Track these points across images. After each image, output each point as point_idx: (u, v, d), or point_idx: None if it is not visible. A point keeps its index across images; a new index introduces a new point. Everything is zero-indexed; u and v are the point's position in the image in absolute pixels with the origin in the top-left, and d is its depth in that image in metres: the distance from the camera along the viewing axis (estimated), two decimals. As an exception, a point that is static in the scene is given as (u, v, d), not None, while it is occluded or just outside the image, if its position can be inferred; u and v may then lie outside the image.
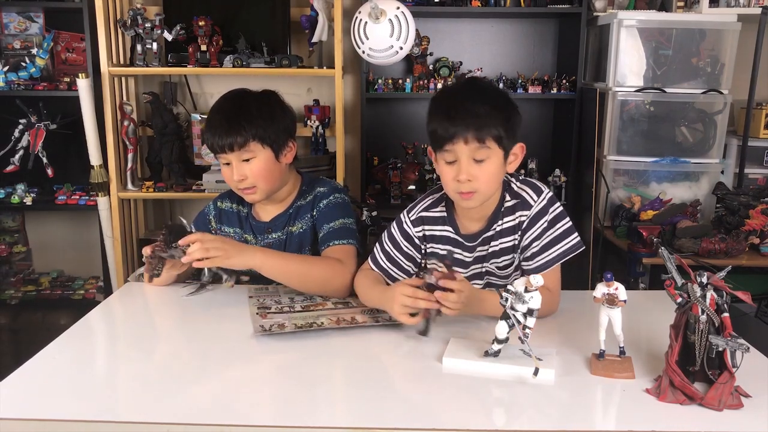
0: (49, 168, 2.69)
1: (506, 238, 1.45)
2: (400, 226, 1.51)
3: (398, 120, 3.08)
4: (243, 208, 1.70)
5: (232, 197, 1.71)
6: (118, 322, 1.46)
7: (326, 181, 1.71)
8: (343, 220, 1.60)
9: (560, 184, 2.83)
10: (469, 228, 1.47)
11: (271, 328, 1.30)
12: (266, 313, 1.39)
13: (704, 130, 2.70)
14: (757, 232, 2.33)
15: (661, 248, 1.13)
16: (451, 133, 1.31)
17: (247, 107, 1.58)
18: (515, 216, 1.44)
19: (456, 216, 1.48)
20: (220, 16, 2.66)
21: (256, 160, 1.55)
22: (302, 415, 1.01)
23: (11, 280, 2.91)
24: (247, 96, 1.62)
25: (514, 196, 1.44)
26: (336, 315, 1.39)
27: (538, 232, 1.42)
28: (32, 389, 1.09)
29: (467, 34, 3.02)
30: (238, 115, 1.55)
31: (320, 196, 1.64)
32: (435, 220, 1.49)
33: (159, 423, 0.98)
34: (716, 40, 2.66)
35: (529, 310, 1.11)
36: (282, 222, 1.65)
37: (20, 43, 2.78)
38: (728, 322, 1.02)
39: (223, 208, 1.71)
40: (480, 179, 1.33)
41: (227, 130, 1.53)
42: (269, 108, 1.60)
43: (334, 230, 1.58)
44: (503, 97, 1.39)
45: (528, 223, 1.42)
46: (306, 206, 1.65)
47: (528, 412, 1.04)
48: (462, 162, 1.33)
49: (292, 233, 1.64)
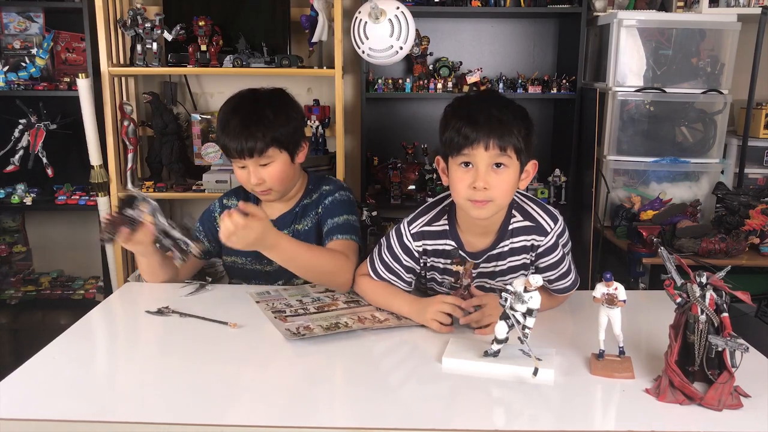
0: (49, 168, 2.69)
1: (516, 257, 1.44)
2: (400, 239, 1.47)
3: (398, 120, 3.08)
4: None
5: (238, 194, 1.72)
6: (118, 322, 1.46)
7: (332, 180, 1.72)
8: (347, 217, 1.61)
9: (560, 184, 2.83)
10: (473, 243, 1.44)
11: (299, 331, 1.29)
12: (284, 317, 1.38)
13: (704, 130, 2.70)
14: (757, 232, 2.34)
15: (661, 248, 1.13)
16: (473, 138, 1.28)
17: (263, 111, 1.56)
18: (528, 237, 1.41)
19: (459, 230, 1.44)
20: (220, 16, 2.66)
21: (273, 164, 1.56)
22: (302, 415, 1.01)
23: (11, 280, 2.91)
24: (261, 98, 1.61)
25: (526, 217, 1.42)
26: (355, 314, 1.40)
27: (556, 260, 1.42)
28: (32, 389, 1.09)
29: (467, 34, 3.02)
30: (257, 120, 1.54)
31: (326, 194, 1.65)
32: (437, 234, 1.45)
33: (159, 423, 0.98)
34: (716, 40, 2.66)
35: (528, 310, 1.12)
36: (288, 220, 1.66)
37: (20, 43, 2.78)
38: (728, 322, 1.02)
39: (230, 205, 1.71)
40: (497, 188, 1.30)
41: (246, 136, 1.52)
42: (285, 110, 1.60)
43: (338, 225, 1.58)
44: (523, 111, 1.36)
45: (544, 250, 1.41)
46: (312, 204, 1.66)
47: (528, 412, 1.04)
48: (480, 169, 1.29)
49: (299, 231, 1.65)
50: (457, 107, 1.36)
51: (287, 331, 1.29)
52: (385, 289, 1.46)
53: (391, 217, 2.52)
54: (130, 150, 2.69)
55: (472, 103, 1.36)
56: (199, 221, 1.76)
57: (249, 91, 1.63)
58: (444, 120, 1.36)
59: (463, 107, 1.35)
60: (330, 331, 1.30)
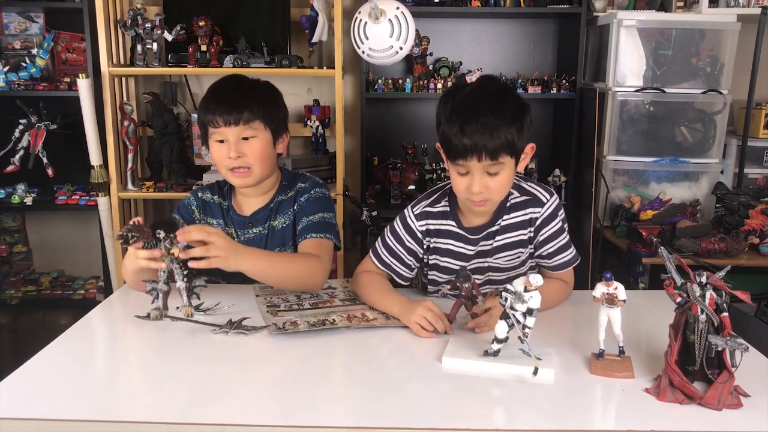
0: (50, 168, 2.69)
1: (513, 233, 1.47)
2: (404, 221, 1.52)
3: (398, 120, 3.08)
4: (224, 201, 1.67)
5: (213, 189, 1.69)
6: (118, 322, 1.46)
7: (307, 177, 1.70)
8: (323, 214, 1.60)
9: (560, 184, 2.82)
10: (473, 222, 1.49)
11: (284, 326, 1.31)
12: (276, 311, 1.40)
13: (704, 130, 2.70)
14: (757, 231, 2.34)
15: (661, 248, 1.13)
16: (464, 150, 1.30)
17: (255, 87, 1.58)
18: (525, 212, 1.46)
19: (459, 211, 1.50)
20: (220, 16, 2.66)
21: (256, 140, 1.54)
22: (302, 415, 1.01)
23: (11, 280, 2.91)
24: (250, 79, 1.62)
25: (523, 193, 1.47)
26: (346, 312, 1.40)
27: (554, 230, 1.47)
28: (32, 389, 1.09)
29: (467, 34, 3.02)
30: (249, 92, 1.54)
31: (302, 191, 1.63)
32: (439, 214, 1.50)
33: (159, 423, 0.98)
34: (716, 40, 2.66)
35: (528, 310, 1.12)
36: (263, 217, 1.64)
37: (20, 43, 2.78)
38: (727, 321, 1.02)
39: (206, 199, 1.67)
40: (493, 189, 1.35)
41: (236, 103, 1.51)
42: (274, 95, 1.62)
43: (313, 223, 1.57)
44: (516, 102, 1.36)
45: (542, 220, 1.46)
46: (287, 201, 1.64)
47: (528, 411, 1.04)
48: (475, 175, 1.34)
49: (275, 228, 1.63)
50: (450, 105, 1.35)
51: (273, 326, 1.30)
52: (378, 288, 1.46)
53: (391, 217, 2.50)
54: (130, 150, 2.69)
55: (463, 106, 1.34)
56: (176, 213, 1.68)
57: (238, 74, 1.64)
58: (439, 113, 1.38)
59: (456, 109, 1.34)
60: (315, 328, 1.31)
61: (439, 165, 2.89)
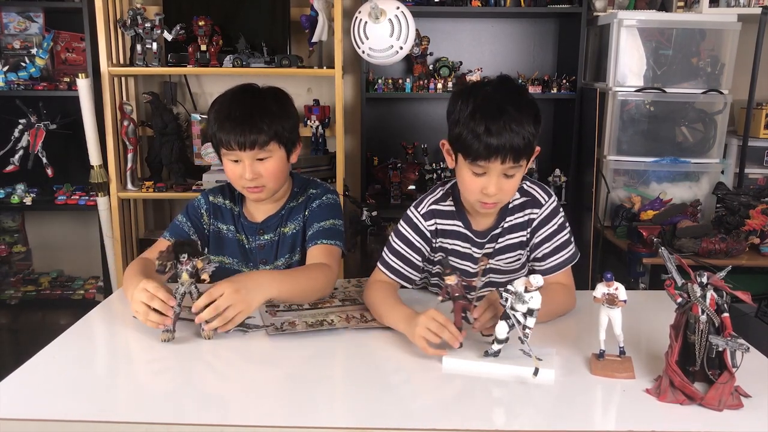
0: (49, 168, 2.68)
1: (514, 234, 1.47)
2: (410, 222, 1.49)
3: (398, 120, 3.08)
4: (235, 206, 1.66)
5: (224, 193, 1.66)
6: (118, 322, 1.46)
7: (318, 183, 1.69)
8: (334, 221, 1.59)
9: (560, 184, 2.82)
10: (479, 223, 1.48)
11: (282, 327, 1.31)
12: (275, 311, 1.40)
13: (704, 130, 2.70)
14: (757, 232, 2.34)
15: (661, 248, 1.13)
16: (490, 152, 1.27)
17: (267, 103, 1.53)
18: (524, 213, 1.46)
19: (465, 211, 1.48)
20: (220, 16, 2.66)
21: (271, 160, 1.52)
22: (302, 415, 1.01)
23: (11, 280, 2.90)
24: (261, 92, 1.57)
25: (523, 194, 1.46)
26: (345, 312, 1.40)
27: (550, 232, 1.45)
28: (32, 389, 1.09)
29: (467, 34, 3.02)
30: (261, 112, 1.50)
31: (313, 197, 1.63)
32: (445, 214, 1.48)
33: (159, 423, 0.98)
34: (716, 40, 2.66)
35: (529, 310, 1.11)
36: (274, 223, 1.63)
37: (20, 43, 2.77)
38: (728, 322, 1.02)
39: (217, 203, 1.66)
40: (507, 192, 1.36)
41: (250, 126, 1.48)
42: (286, 106, 1.58)
43: (324, 229, 1.57)
44: (534, 103, 1.34)
45: (539, 222, 1.45)
46: (298, 207, 1.63)
47: (528, 412, 1.04)
48: (492, 177, 1.31)
49: (285, 235, 1.63)
50: (471, 103, 1.30)
51: (271, 326, 1.30)
52: (385, 302, 1.38)
53: (391, 217, 2.51)
54: (130, 150, 2.68)
55: (489, 106, 1.29)
56: (183, 215, 1.65)
57: (248, 84, 1.59)
58: (457, 111, 1.32)
59: (479, 108, 1.29)
60: (313, 328, 1.30)
61: (440, 165, 2.89)
